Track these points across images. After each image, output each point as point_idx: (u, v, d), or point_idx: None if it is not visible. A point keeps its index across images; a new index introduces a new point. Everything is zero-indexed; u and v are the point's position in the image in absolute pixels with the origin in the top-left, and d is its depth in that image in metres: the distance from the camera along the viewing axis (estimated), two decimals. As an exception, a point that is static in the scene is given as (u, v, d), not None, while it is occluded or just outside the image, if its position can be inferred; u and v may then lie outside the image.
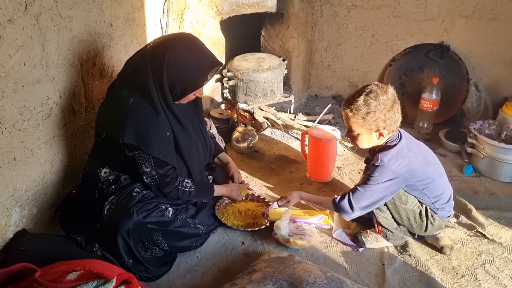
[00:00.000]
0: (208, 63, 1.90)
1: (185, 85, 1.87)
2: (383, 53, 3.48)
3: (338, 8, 3.47)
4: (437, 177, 1.97)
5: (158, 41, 1.88)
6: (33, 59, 1.80)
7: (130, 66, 1.92)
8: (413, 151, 1.91)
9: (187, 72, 1.84)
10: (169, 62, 1.79)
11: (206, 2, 3.03)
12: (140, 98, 1.82)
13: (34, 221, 2.01)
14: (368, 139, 1.92)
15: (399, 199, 1.97)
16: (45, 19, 1.82)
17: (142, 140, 1.81)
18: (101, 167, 1.97)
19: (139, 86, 1.82)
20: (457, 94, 3.23)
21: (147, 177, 1.89)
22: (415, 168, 1.89)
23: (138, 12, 2.51)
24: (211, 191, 2.18)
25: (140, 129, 1.81)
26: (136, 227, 1.81)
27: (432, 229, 2.03)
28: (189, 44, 1.89)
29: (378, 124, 1.84)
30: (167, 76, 1.80)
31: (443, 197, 2.01)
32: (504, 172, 2.64)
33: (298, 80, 3.67)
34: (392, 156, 1.87)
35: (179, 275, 1.95)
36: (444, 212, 2.04)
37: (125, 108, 1.80)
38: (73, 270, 1.45)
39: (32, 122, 1.87)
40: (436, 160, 2.05)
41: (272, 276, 1.67)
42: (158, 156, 1.85)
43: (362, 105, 1.82)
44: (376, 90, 1.83)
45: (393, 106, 1.83)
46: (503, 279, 1.92)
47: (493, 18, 3.04)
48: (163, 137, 1.86)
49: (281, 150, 3.02)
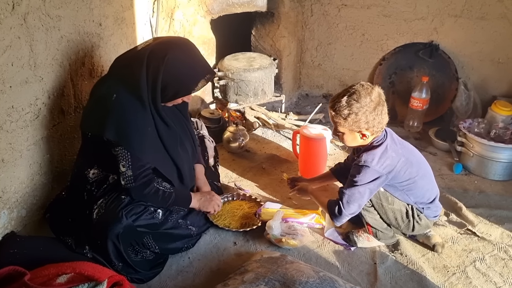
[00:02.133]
0: (203, 70, 1.92)
1: (178, 89, 1.87)
2: (373, 52, 3.49)
3: (328, 8, 3.47)
4: (419, 179, 1.96)
5: (157, 42, 1.88)
6: (20, 59, 1.78)
7: (120, 62, 1.90)
8: (396, 152, 1.91)
9: (183, 76, 1.85)
10: (167, 63, 1.79)
11: (196, 1, 3.02)
12: (124, 94, 1.79)
13: (23, 223, 1.98)
14: (352, 139, 1.92)
15: (386, 200, 1.98)
16: (33, 18, 1.80)
17: (122, 135, 1.78)
18: (89, 168, 1.95)
19: (127, 82, 1.81)
20: (447, 92, 3.25)
21: (123, 178, 1.84)
22: (397, 169, 1.90)
23: (127, 12, 2.49)
24: (189, 199, 2.07)
25: (122, 124, 1.78)
26: (126, 231, 1.80)
27: (419, 229, 2.05)
28: (188, 49, 1.90)
29: (360, 126, 1.84)
30: (163, 77, 1.80)
31: (426, 198, 2.02)
32: (493, 170, 2.66)
33: (289, 79, 3.67)
34: (375, 156, 1.87)
35: (171, 276, 1.94)
36: (430, 212, 2.05)
37: (108, 105, 1.79)
38: (63, 273, 1.44)
39: (20, 123, 1.85)
40: (421, 160, 2.04)
41: (264, 276, 1.67)
42: (137, 153, 1.81)
43: (344, 106, 1.82)
44: (359, 91, 1.82)
45: (376, 108, 1.82)
46: (493, 277, 1.94)
47: (482, 17, 3.07)
48: (144, 132, 1.84)
49: (272, 150, 3.02)
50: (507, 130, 2.64)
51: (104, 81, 1.91)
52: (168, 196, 1.94)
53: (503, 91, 3.19)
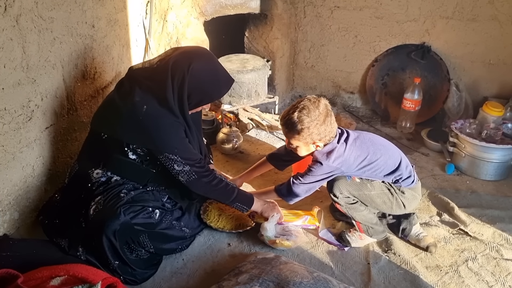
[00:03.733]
0: (225, 80, 2.00)
1: (202, 97, 1.94)
2: (366, 53, 3.51)
3: (321, 9, 3.49)
4: (372, 156, 1.99)
5: (179, 52, 1.92)
6: (13, 61, 1.77)
7: (142, 72, 1.93)
8: (346, 143, 1.98)
9: (207, 85, 1.92)
10: (192, 73, 1.84)
11: (189, 3, 3.02)
12: (154, 105, 1.84)
13: (15, 226, 1.97)
14: (307, 150, 2.02)
15: (366, 188, 2.02)
16: (25, 20, 1.79)
17: (164, 144, 1.86)
18: (94, 168, 1.95)
19: (154, 93, 1.85)
20: (439, 94, 3.28)
21: (182, 176, 1.92)
22: (348, 159, 1.96)
23: (120, 13, 2.49)
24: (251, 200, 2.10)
25: (160, 134, 1.85)
26: (123, 227, 1.80)
27: (408, 203, 2.08)
28: (211, 58, 1.98)
29: (313, 138, 1.93)
30: (188, 86, 1.85)
31: (391, 166, 2.02)
32: (485, 170, 2.68)
33: (282, 81, 3.68)
34: (326, 152, 1.96)
35: (165, 278, 1.93)
36: (405, 181, 2.06)
37: (139, 116, 1.82)
38: (57, 275, 1.43)
39: (13, 125, 1.84)
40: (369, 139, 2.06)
41: (258, 277, 1.67)
42: (184, 155, 1.89)
43: (296, 122, 1.90)
44: (308, 106, 1.90)
45: (325, 120, 1.91)
46: (485, 276, 1.95)
47: (473, 19, 3.09)
48: (182, 138, 1.92)
49: (266, 151, 3.02)
50: (498, 131, 2.66)
51: (128, 90, 1.89)
52: (232, 190, 2.03)
53: (494, 92, 3.22)
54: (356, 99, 3.71)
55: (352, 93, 3.70)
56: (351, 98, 3.71)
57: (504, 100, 3.04)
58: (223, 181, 2.03)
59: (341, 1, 3.40)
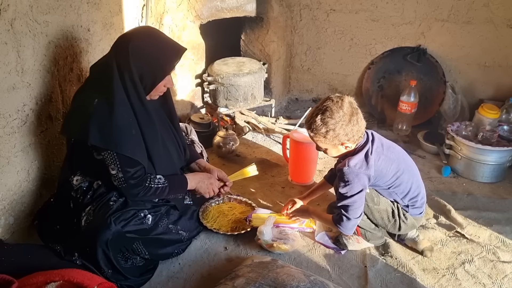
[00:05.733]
0: (171, 49, 1.89)
1: (154, 74, 1.85)
2: (362, 56, 3.52)
3: (317, 12, 3.50)
4: (401, 174, 1.98)
5: (118, 38, 1.88)
6: (7, 65, 1.76)
7: (95, 68, 1.91)
8: (376, 151, 1.93)
9: (152, 60, 1.82)
10: (133, 53, 1.77)
11: (185, 7, 3.02)
12: (104, 98, 1.78)
13: (10, 231, 1.96)
14: (336, 151, 1.97)
15: (372, 201, 2.00)
16: (20, 24, 1.79)
17: (108, 140, 1.77)
18: (72, 175, 1.93)
19: (104, 86, 1.79)
20: (435, 96, 3.29)
21: (114, 179, 1.85)
22: (379, 168, 1.92)
23: (116, 17, 2.48)
24: (185, 183, 2.07)
25: (105, 129, 1.77)
26: (115, 237, 1.78)
27: (405, 228, 2.06)
28: (150, 33, 1.89)
29: (340, 139, 1.88)
30: (134, 67, 1.78)
31: (411, 192, 2.02)
32: (481, 173, 2.69)
33: (278, 84, 3.69)
34: (359, 161, 1.90)
35: (161, 282, 1.92)
36: (415, 210, 2.06)
37: (89, 110, 1.77)
38: (52, 281, 1.42)
39: (8, 129, 1.83)
40: (401, 155, 2.04)
41: (255, 281, 1.67)
42: (127, 154, 1.80)
43: (320, 125, 1.85)
44: (331, 108, 1.84)
45: (351, 119, 1.85)
46: (482, 278, 1.95)
47: (468, 21, 3.11)
48: (129, 135, 1.82)
49: (262, 154, 3.02)
50: (494, 133, 2.67)
51: (83, 88, 1.90)
52: (162, 191, 1.95)
53: (490, 94, 3.24)
54: (352, 102, 3.71)
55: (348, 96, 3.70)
56: (348, 101, 3.72)
57: (499, 102, 3.06)
58: (151, 189, 1.91)
59: (337, 4, 3.41)
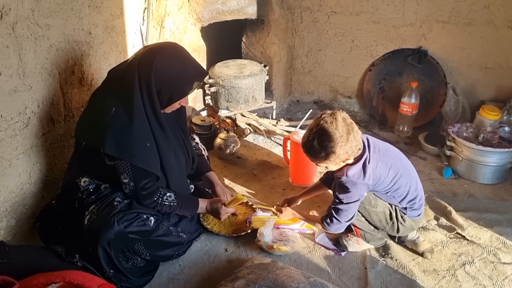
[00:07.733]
0: (194, 71, 1.91)
1: (172, 93, 1.87)
2: (363, 58, 3.52)
3: (318, 15, 3.50)
4: (399, 178, 1.97)
5: (144, 50, 1.88)
6: (9, 69, 1.78)
7: (114, 74, 1.90)
8: (374, 158, 1.92)
9: (174, 79, 1.84)
10: (156, 68, 1.78)
11: (186, 9, 3.03)
12: (122, 108, 1.79)
13: (12, 232, 1.97)
14: (337, 166, 1.92)
15: (369, 203, 2.00)
16: (21, 28, 1.80)
17: (123, 150, 1.79)
18: (81, 176, 1.94)
19: (123, 95, 1.80)
20: (436, 98, 3.29)
21: (125, 187, 1.87)
22: (377, 175, 1.91)
23: (117, 20, 2.50)
24: (195, 206, 2.10)
25: (121, 139, 1.79)
26: (117, 237, 1.79)
27: (404, 230, 2.07)
28: (176, 52, 1.89)
29: (341, 158, 1.84)
30: (155, 83, 1.80)
31: (410, 194, 2.01)
32: (482, 174, 2.69)
33: (279, 86, 3.69)
34: (357, 171, 1.88)
35: (162, 284, 1.93)
36: (413, 212, 2.05)
37: (107, 118, 1.78)
38: (53, 282, 1.43)
39: (9, 132, 1.85)
40: (399, 158, 2.03)
41: (255, 283, 1.67)
42: (141, 166, 1.83)
43: (319, 149, 1.80)
44: (327, 130, 1.77)
45: (348, 138, 1.79)
46: (483, 280, 1.95)
47: (469, 23, 3.11)
48: (144, 147, 1.85)
49: (263, 156, 3.03)
50: (495, 134, 2.66)
51: (102, 94, 1.90)
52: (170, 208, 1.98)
53: (491, 96, 3.23)
54: (353, 104, 3.72)
55: (349, 97, 3.71)
56: (349, 103, 3.73)
57: (500, 104, 3.05)
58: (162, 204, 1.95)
59: (338, 6, 3.41)
